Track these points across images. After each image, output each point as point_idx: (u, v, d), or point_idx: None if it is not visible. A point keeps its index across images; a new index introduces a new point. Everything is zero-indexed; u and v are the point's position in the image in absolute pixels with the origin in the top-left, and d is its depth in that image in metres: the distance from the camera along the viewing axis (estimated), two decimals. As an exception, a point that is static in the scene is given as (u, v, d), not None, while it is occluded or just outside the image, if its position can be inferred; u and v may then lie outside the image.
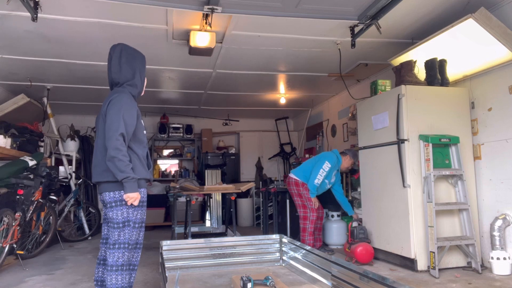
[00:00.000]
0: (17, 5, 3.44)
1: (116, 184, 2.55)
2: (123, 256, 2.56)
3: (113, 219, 2.57)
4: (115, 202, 2.57)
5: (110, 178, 2.55)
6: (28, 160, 5.04)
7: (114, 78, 2.73)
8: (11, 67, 5.21)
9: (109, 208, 2.59)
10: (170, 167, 9.34)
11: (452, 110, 4.14)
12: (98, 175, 2.62)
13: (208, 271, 3.83)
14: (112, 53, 2.76)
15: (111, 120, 2.53)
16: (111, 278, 2.53)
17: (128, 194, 2.52)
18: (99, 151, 2.64)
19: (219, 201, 7.19)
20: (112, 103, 2.58)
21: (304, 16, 3.78)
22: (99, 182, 2.64)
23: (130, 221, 2.59)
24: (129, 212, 2.58)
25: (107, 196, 2.59)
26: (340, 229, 5.31)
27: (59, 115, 7.53)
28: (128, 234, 2.58)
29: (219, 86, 6.41)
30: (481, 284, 3.39)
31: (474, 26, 3.55)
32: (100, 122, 2.67)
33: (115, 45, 2.79)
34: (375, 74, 5.88)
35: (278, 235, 4.21)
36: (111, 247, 2.57)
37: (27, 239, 4.96)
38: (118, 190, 2.56)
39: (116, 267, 2.54)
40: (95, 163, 2.68)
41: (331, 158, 4.90)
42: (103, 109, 2.64)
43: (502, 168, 3.83)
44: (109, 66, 2.75)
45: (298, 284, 3.36)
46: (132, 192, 2.52)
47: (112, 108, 2.57)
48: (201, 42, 4.07)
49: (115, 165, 2.46)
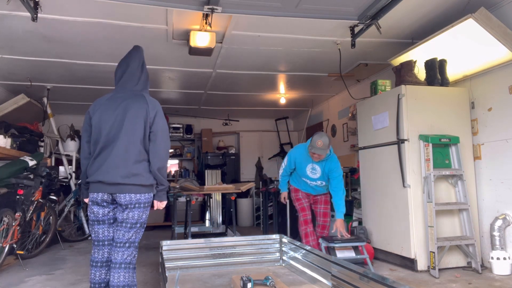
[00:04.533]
0: (17, 5, 3.43)
1: (142, 188, 2.60)
2: (131, 254, 2.62)
3: (129, 220, 2.60)
4: (138, 204, 2.60)
5: (143, 182, 2.60)
6: (28, 160, 5.04)
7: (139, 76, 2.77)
8: (11, 67, 5.21)
9: (128, 209, 2.58)
10: (170, 167, 9.33)
11: (452, 110, 4.14)
12: (124, 178, 2.55)
13: (208, 271, 3.83)
14: (135, 53, 2.81)
15: (165, 130, 2.68)
16: (118, 275, 2.54)
17: (163, 201, 2.74)
18: (133, 153, 2.58)
19: (219, 201, 7.19)
20: (160, 113, 2.70)
21: (304, 16, 3.78)
22: (124, 184, 2.56)
23: (144, 222, 2.69)
24: (146, 214, 2.69)
25: (127, 198, 2.56)
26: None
27: (59, 115, 7.52)
28: (140, 234, 2.68)
29: (219, 86, 6.41)
30: (481, 284, 3.39)
31: (474, 26, 3.55)
32: (137, 125, 2.60)
33: (138, 46, 2.87)
34: (375, 74, 5.88)
35: (278, 235, 4.21)
36: (121, 246, 2.59)
37: (27, 239, 4.95)
38: (142, 193, 2.61)
39: (125, 264, 2.57)
40: (122, 163, 2.56)
41: (293, 150, 4.38)
42: (148, 114, 2.61)
43: (502, 168, 3.83)
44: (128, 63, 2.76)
45: (298, 284, 3.36)
46: (165, 200, 2.77)
47: (162, 117, 2.70)
48: (201, 42, 4.07)
49: (162, 174, 2.65)
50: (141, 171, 2.59)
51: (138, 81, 2.75)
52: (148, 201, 2.65)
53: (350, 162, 6.33)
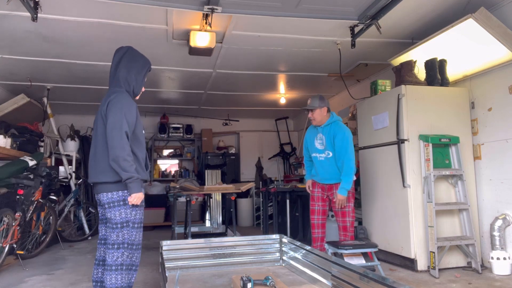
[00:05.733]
0: (17, 5, 3.43)
1: (115, 185, 2.55)
2: (122, 255, 2.55)
3: (112, 220, 2.56)
4: (113, 203, 2.56)
5: (109, 179, 2.54)
6: (28, 160, 5.04)
7: (113, 76, 2.75)
8: (11, 67, 5.21)
9: (107, 209, 2.58)
10: (170, 167, 9.34)
11: (452, 110, 4.14)
12: (96, 176, 2.60)
13: (208, 271, 3.82)
14: (116, 53, 2.80)
15: (114, 119, 2.51)
16: (110, 277, 2.52)
17: (133, 194, 2.52)
18: (98, 151, 2.62)
19: (219, 201, 7.18)
20: (112, 102, 2.57)
21: (304, 16, 3.78)
22: (97, 183, 2.63)
23: (129, 221, 2.58)
24: (127, 213, 2.58)
25: (105, 197, 2.58)
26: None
27: (59, 115, 7.52)
28: (127, 234, 2.57)
29: (219, 86, 6.41)
30: (481, 284, 3.39)
31: (474, 26, 3.55)
32: (99, 122, 2.64)
33: (122, 47, 2.83)
34: (375, 74, 5.88)
35: (278, 235, 4.20)
36: (110, 247, 2.56)
37: (27, 239, 4.95)
38: (116, 190, 2.55)
39: (115, 266, 2.53)
40: (92, 163, 2.65)
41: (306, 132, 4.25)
42: (102, 109, 2.61)
43: (502, 168, 3.83)
44: (111, 65, 2.79)
45: (298, 284, 3.35)
46: (137, 192, 2.53)
47: (113, 107, 2.55)
48: (201, 42, 4.07)
49: (119, 165, 2.46)
50: (106, 168, 2.54)
51: (113, 77, 2.75)
52: (123, 198, 2.55)
53: (350, 162, 6.32)
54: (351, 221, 3.92)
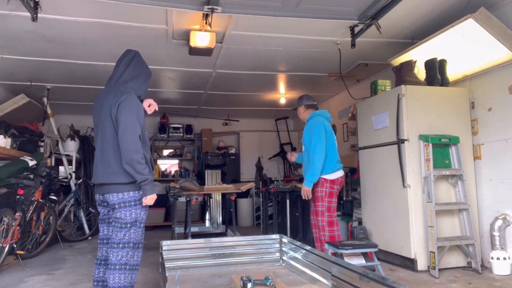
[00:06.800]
0: (17, 5, 3.43)
1: (127, 186, 2.57)
2: (127, 255, 2.58)
3: (121, 220, 2.58)
4: (124, 203, 2.57)
5: (121, 180, 2.55)
6: (28, 160, 5.04)
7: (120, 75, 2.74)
8: (11, 67, 5.21)
9: (118, 209, 2.58)
10: (170, 167, 9.34)
11: (452, 110, 4.14)
12: (106, 177, 2.58)
13: (208, 271, 3.82)
14: (125, 55, 2.82)
15: (128, 122, 2.52)
16: (114, 277, 2.53)
17: (148, 196, 2.57)
18: (106, 152, 2.60)
19: (219, 201, 7.19)
20: (123, 104, 2.55)
21: (304, 16, 3.78)
22: (105, 184, 2.61)
23: (137, 221, 2.62)
24: (137, 213, 2.61)
25: (115, 197, 2.57)
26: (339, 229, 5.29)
27: (59, 115, 7.52)
28: (133, 234, 2.61)
29: (219, 86, 6.41)
30: (481, 284, 3.39)
31: (474, 26, 3.55)
32: (107, 123, 2.60)
33: (131, 50, 2.85)
34: (375, 74, 5.88)
35: (278, 235, 4.20)
36: (114, 246, 2.57)
37: (27, 239, 4.95)
38: (127, 191, 2.57)
39: (119, 265, 2.55)
40: (99, 164, 2.63)
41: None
42: (111, 110, 2.57)
43: (502, 168, 3.83)
44: (117, 65, 2.78)
45: (298, 284, 3.35)
46: (152, 194, 2.58)
47: (125, 109, 2.54)
48: (201, 42, 4.07)
49: (134, 168, 2.49)
50: (118, 169, 2.55)
51: (119, 77, 2.73)
52: (134, 199, 2.58)
53: (350, 162, 6.33)
54: (320, 220, 3.86)
